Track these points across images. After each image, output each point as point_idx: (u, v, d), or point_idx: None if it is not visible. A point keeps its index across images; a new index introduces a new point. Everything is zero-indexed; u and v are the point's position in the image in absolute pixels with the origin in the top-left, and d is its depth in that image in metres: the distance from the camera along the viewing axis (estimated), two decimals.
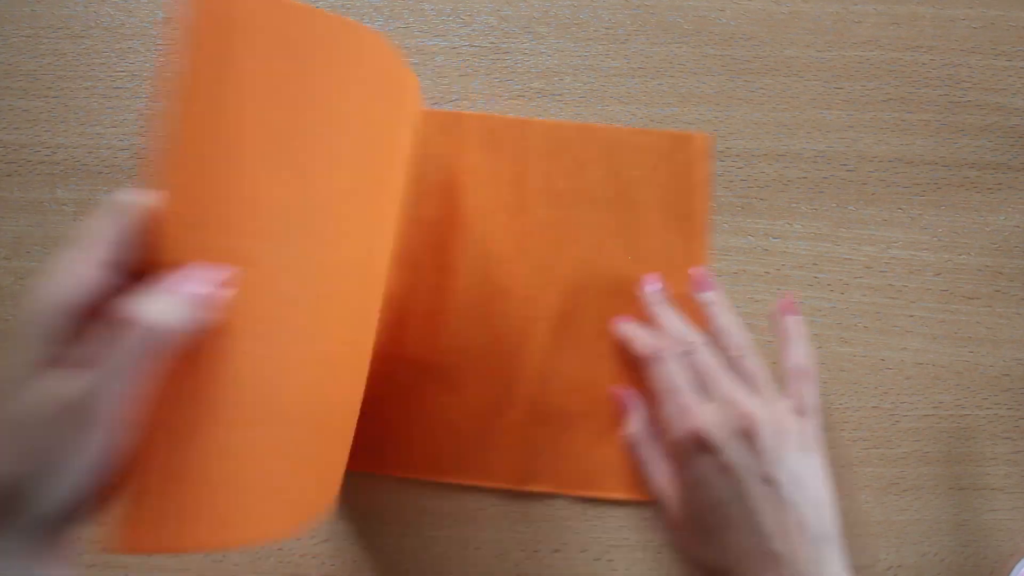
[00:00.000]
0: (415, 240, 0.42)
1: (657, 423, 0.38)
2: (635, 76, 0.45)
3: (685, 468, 0.35)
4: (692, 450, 0.34)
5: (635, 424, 0.38)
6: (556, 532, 0.41)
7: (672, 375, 0.36)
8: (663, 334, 0.39)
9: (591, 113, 0.45)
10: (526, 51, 0.46)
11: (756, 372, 0.36)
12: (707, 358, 0.37)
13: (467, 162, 0.43)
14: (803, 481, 0.33)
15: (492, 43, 0.46)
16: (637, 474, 0.37)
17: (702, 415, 0.35)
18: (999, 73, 0.46)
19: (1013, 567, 0.40)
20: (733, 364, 0.37)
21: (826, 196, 0.44)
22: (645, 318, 0.41)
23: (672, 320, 0.39)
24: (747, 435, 0.33)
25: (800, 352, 0.37)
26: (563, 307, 0.42)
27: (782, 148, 0.45)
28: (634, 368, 0.39)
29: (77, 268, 0.25)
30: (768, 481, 0.33)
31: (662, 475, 0.36)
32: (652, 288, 0.41)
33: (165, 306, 0.24)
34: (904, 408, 0.42)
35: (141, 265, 0.25)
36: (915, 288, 0.44)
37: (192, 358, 0.25)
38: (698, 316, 0.39)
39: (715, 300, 0.39)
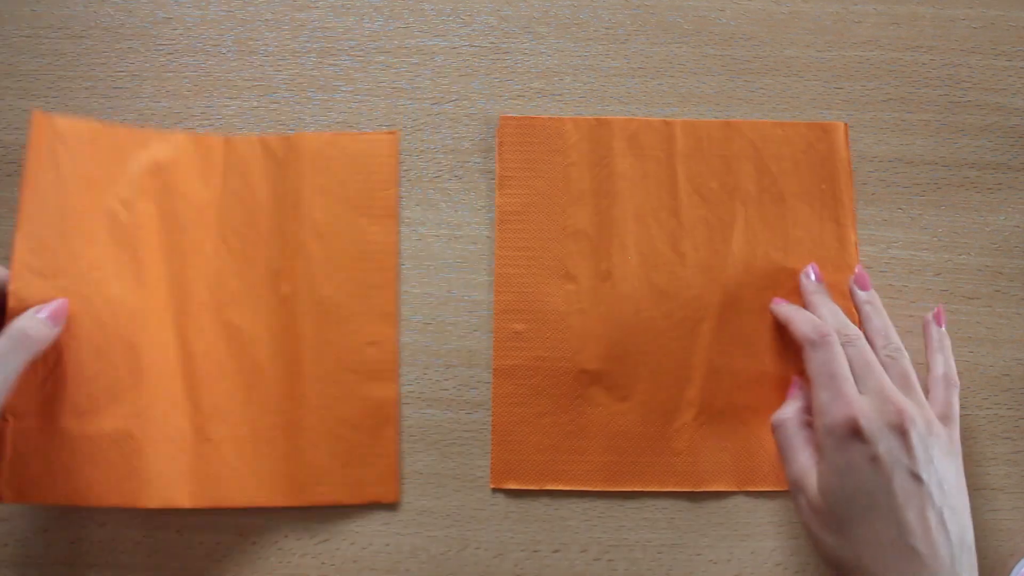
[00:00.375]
0: (569, 251, 0.43)
1: (809, 410, 0.38)
2: (635, 76, 0.45)
3: (834, 454, 0.35)
4: (844, 437, 0.34)
5: (789, 409, 0.38)
6: (556, 532, 0.41)
7: (832, 362, 0.37)
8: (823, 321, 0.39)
9: (591, 113, 0.45)
10: (526, 51, 0.46)
11: (909, 374, 0.37)
12: (864, 352, 0.37)
13: (615, 168, 0.43)
14: (948, 485, 0.34)
15: (492, 43, 0.46)
16: (780, 455, 0.38)
17: (858, 403, 0.35)
18: (999, 73, 0.46)
19: (1013, 567, 0.40)
20: (886, 364, 0.37)
21: None
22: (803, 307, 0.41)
23: (831, 310, 0.40)
24: (900, 430, 0.34)
25: (947, 362, 0.39)
26: (725, 305, 0.42)
27: None
28: (791, 351, 0.41)
29: None
30: (916, 478, 0.33)
31: (805, 459, 0.36)
32: (811, 278, 0.42)
33: (33, 321, 0.35)
34: None
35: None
36: (915, 288, 0.44)
37: (44, 364, 0.37)
38: (851, 311, 0.40)
39: (872, 300, 0.40)
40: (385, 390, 0.41)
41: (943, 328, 0.40)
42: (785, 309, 0.41)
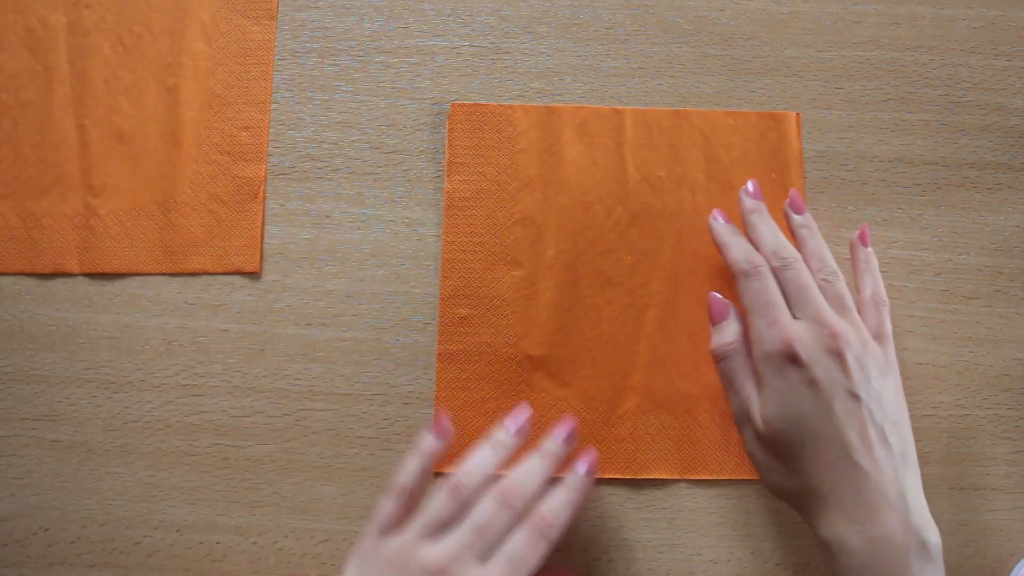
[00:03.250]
0: (517, 237, 0.43)
1: (747, 339, 0.38)
2: (635, 76, 0.45)
3: (773, 381, 0.36)
4: (782, 363, 0.35)
5: (729, 335, 0.38)
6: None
7: (765, 290, 0.37)
8: (760, 244, 0.39)
9: None
10: (526, 51, 0.46)
11: (844, 296, 0.37)
12: (801, 275, 0.37)
13: (564, 155, 0.44)
14: (887, 402, 0.35)
15: (492, 43, 0.46)
16: (724, 385, 0.38)
17: (794, 330, 0.36)
18: (999, 73, 0.46)
19: (1013, 567, 0.40)
20: (822, 287, 0.38)
21: (826, 196, 0.44)
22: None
23: (768, 231, 0.40)
24: (836, 353, 0.35)
25: (875, 282, 0.39)
26: (669, 293, 0.43)
27: None
28: (726, 278, 0.41)
29: None
30: (855, 397, 0.34)
31: (750, 389, 0.37)
32: (750, 194, 0.41)
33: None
34: None
35: None
36: (915, 288, 0.44)
37: None
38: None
39: (807, 223, 0.40)
40: (254, 170, 0.44)
41: (869, 248, 0.41)
42: (721, 233, 0.41)
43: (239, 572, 0.41)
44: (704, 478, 0.41)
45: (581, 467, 0.37)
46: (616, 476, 0.41)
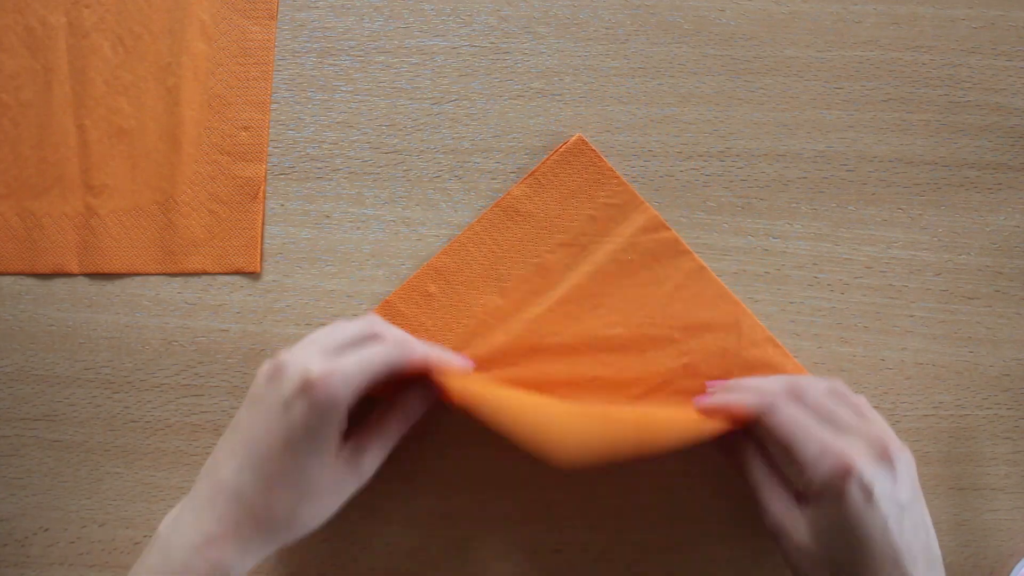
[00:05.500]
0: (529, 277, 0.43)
1: (762, 451, 0.38)
2: (635, 76, 0.45)
3: (832, 504, 0.34)
4: (841, 484, 0.33)
5: (757, 465, 0.37)
6: (556, 532, 0.41)
7: (796, 416, 0.35)
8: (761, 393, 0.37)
9: (591, 113, 0.45)
10: (526, 51, 0.46)
11: (860, 404, 0.36)
12: (818, 395, 0.36)
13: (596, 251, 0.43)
14: (919, 502, 0.34)
15: (492, 43, 0.46)
16: (753, 494, 0.37)
17: (847, 447, 0.34)
18: (999, 73, 0.46)
19: (1013, 567, 0.40)
20: (839, 399, 0.36)
21: (826, 196, 0.44)
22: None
23: (759, 380, 0.38)
24: (887, 459, 0.34)
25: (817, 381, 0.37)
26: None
27: (782, 148, 0.45)
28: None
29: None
30: (901, 506, 0.33)
31: (784, 505, 0.36)
32: (711, 391, 0.40)
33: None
34: (904, 408, 0.42)
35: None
36: (915, 288, 0.44)
37: None
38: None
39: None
40: (254, 170, 0.44)
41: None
42: (712, 400, 0.38)
43: None
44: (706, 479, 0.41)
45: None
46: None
